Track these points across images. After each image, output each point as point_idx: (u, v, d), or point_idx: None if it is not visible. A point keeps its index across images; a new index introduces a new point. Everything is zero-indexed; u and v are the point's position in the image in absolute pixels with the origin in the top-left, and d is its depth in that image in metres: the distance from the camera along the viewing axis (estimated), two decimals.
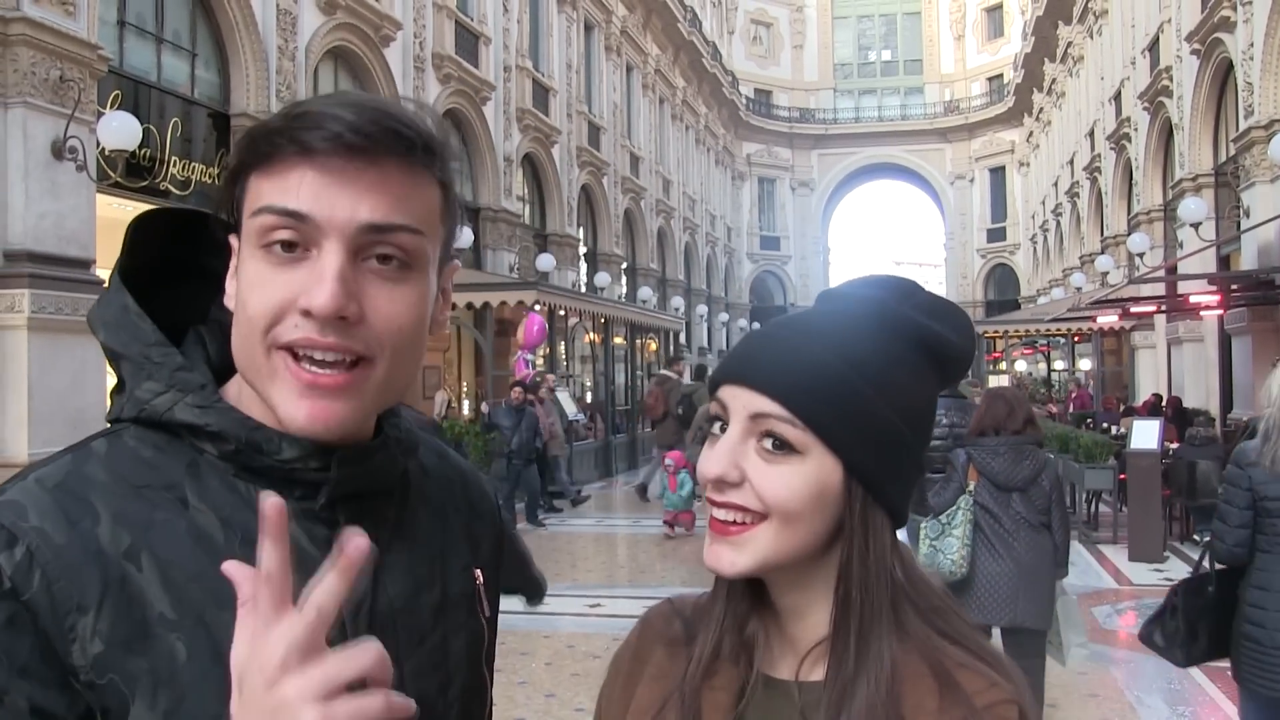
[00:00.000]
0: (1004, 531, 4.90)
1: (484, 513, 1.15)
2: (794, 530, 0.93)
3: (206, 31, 13.72)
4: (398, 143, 0.91)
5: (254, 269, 0.90)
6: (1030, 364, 33.93)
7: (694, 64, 41.43)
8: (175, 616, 0.85)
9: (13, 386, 9.60)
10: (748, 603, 1.01)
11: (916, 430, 0.97)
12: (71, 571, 0.83)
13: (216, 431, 0.91)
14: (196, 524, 0.89)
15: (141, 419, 0.93)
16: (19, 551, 0.82)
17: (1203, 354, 19.73)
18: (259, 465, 0.92)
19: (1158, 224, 23.26)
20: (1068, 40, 34.42)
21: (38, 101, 9.88)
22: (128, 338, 0.95)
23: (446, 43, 19.81)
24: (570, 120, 27.25)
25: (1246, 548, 3.74)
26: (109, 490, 0.88)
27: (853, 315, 0.98)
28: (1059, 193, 37.04)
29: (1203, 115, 19.50)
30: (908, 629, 0.94)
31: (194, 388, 0.93)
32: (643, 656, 1.08)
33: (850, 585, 0.94)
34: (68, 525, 0.84)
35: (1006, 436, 5.02)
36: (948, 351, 0.99)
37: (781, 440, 0.93)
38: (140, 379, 0.94)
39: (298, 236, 0.89)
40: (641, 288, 31.76)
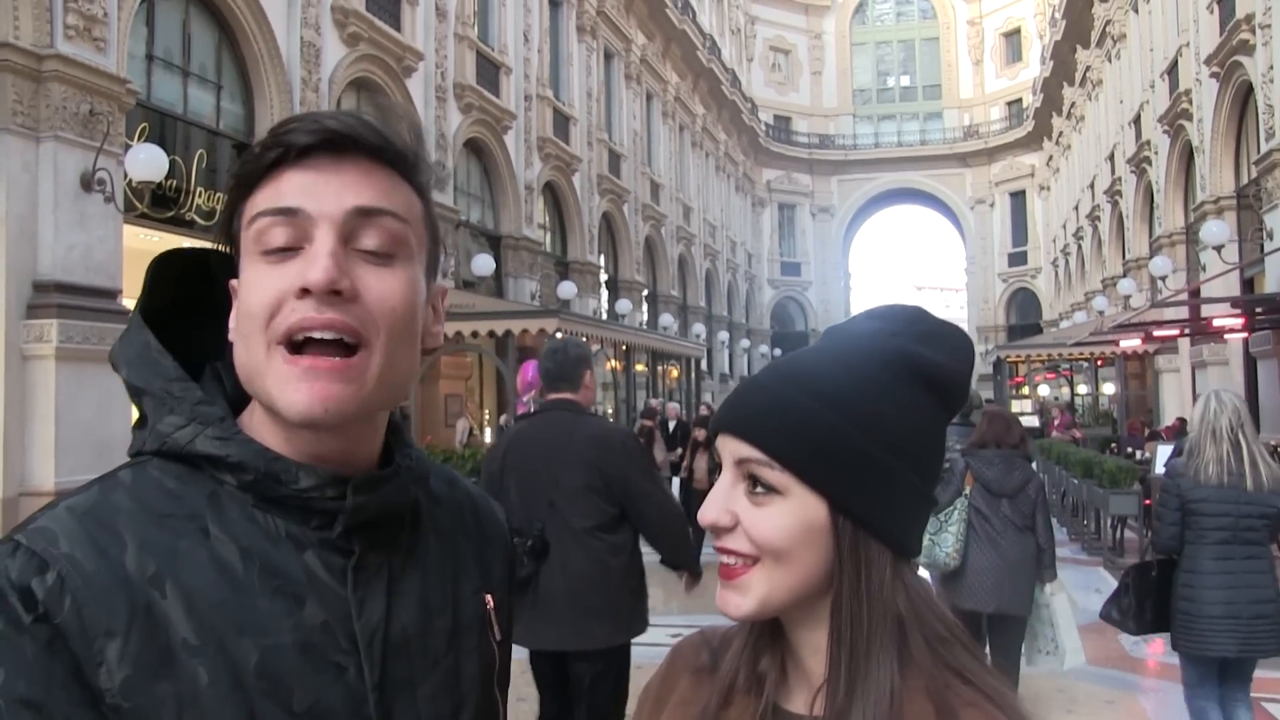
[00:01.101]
0: (993, 531, 5.62)
1: (494, 537, 1.18)
2: (788, 569, 0.95)
3: (232, 64, 13.89)
4: (376, 141, 0.97)
5: (253, 273, 0.94)
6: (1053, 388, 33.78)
7: (713, 91, 41.58)
8: (198, 643, 0.87)
9: (40, 415, 9.69)
10: (767, 637, 1.03)
11: (909, 459, 0.96)
12: (100, 597, 0.85)
13: (237, 462, 0.94)
14: (218, 553, 0.91)
15: (164, 451, 0.96)
16: (50, 577, 0.84)
17: (1228, 377, 19.60)
18: (277, 495, 0.94)
19: (1180, 247, 23.18)
20: (1086, 64, 34.41)
21: (68, 135, 10.02)
22: (150, 374, 0.98)
23: (468, 73, 19.97)
24: (591, 148, 27.39)
25: (1178, 541, 4.67)
26: (135, 519, 0.90)
27: (841, 351, 1.00)
28: (1080, 216, 36.94)
29: (1223, 138, 19.45)
30: (914, 660, 0.94)
31: (214, 420, 0.96)
32: (671, 684, 1.11)
33: (841, 621, 0.95)
34: (96, 552, 0.87)
35: (1003, 450, 5.77)
36: (939, 376, 0.99)
37: (764, 483, 0.96)
38: (162, 413, 0.97)
39: (292, 235, 0.93)
40: (663, 315, 31.80)
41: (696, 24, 37.92)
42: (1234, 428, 4.59)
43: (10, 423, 9.61)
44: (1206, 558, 4.58)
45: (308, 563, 0.94)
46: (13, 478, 9.60)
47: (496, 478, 4.37)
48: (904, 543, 0.97)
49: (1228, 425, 4.59)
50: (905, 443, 0.97)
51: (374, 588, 0.97)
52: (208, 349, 1.05)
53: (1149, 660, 7.88)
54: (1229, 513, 4.55)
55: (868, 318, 1.05)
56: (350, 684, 0.93)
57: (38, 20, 9.83)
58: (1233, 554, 4.55)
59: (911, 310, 1.04)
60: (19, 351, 9.70)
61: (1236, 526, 4.55)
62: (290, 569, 0.93)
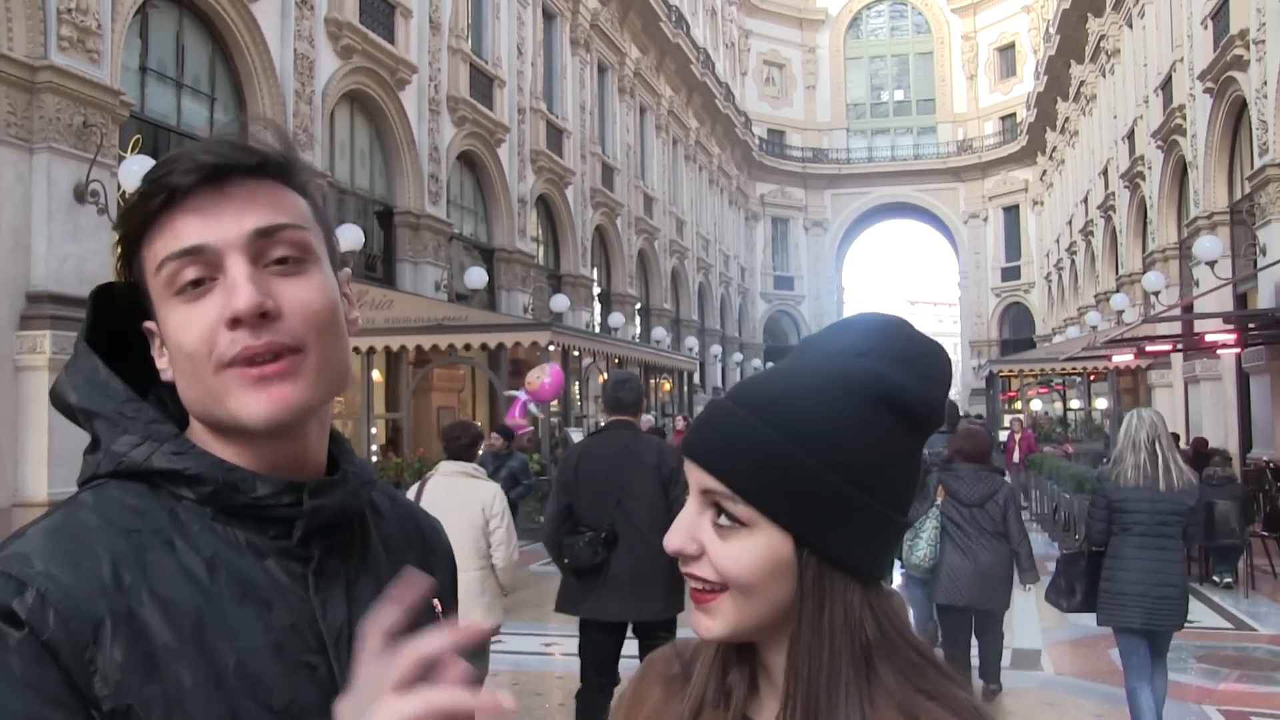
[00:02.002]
0: (966, 537, 6.44)
1: (437, 548, 1.22)
2: (754, 601, 0.95)
3: (225, 76, 13.90)
4: (252, 161, 1.00)
5: (176, 316, 0.97)
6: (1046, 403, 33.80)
7: (707, 105, 41.69)
8: (178, 646, 0.90)
9: (34, 426, 9.67)
10: (734, 651, 1.02)
11: (876, 489, 0.94)
12: (83, 608, 0.87)
13: (195, 475, 0.97)
14: (185, 564, 0.94)
15: (120, 472, 0.98)
16: (30, 596, 0.86)
17: (1221, 393, 19.65)
18: (235, 504, 0.97)
19: (1173, 262, 23.25)
20: (1080, 79, 34.55)
21: (61, 146, 10.02)
22: (100, 397, 1.00)
23: (461, 86, 20.00)
24: (584, 161, 27.43)
25: (1106, 535, 5.51)
26: (103, 534, 0.92)
27: (806, 376, 0.97)
28: (1073, 231, 37.06)
29: (1217, 153, 19.53)
30: (884, 686, 0.93)
31: (168, 437, 0.98)
32: (642, 697, 1.11)
33: (799, 654, 0.94)
34: (72, 566, 0.89)
35: (972, 465, 6.59)
36: (909, 403, 0.96)
37: (729, 515, 0.95)
38: (115, 434, 0.99)
39: (202, 271, 0.96)
40: (655, 328, 31.84)
41: (690, 38, 38.04)
42: (1151, 439, 5.38)
43: (3, 434, 9.59)
44: (1129, 547, 5.41)
45: (270, 570, 0.97)
46: (5, 488, 9.57)
47: (571, 484, 5.44)
48: (872, 571, 0.96)
49: (1146, 438, 5.39)
50: (872, 473, 0.94)
51: (334, 591, 1.01)
52: (148, 375, 1.06)
53: None
54: (1145, 509, 5.36)
55: (841, 331, 1.02)
56: (321, 682, 0.96)
57: (31, 31, 9.83)
58: (1148, 545, 5.37)
59: (887, 325, 1.01)
60: (12, 363, 9.68)
61: (1152, 521, 5.37)
62: (255, 576, 0.96)
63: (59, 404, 1.03)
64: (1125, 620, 5.47)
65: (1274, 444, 15.94)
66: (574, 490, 5.41)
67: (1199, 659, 8.11)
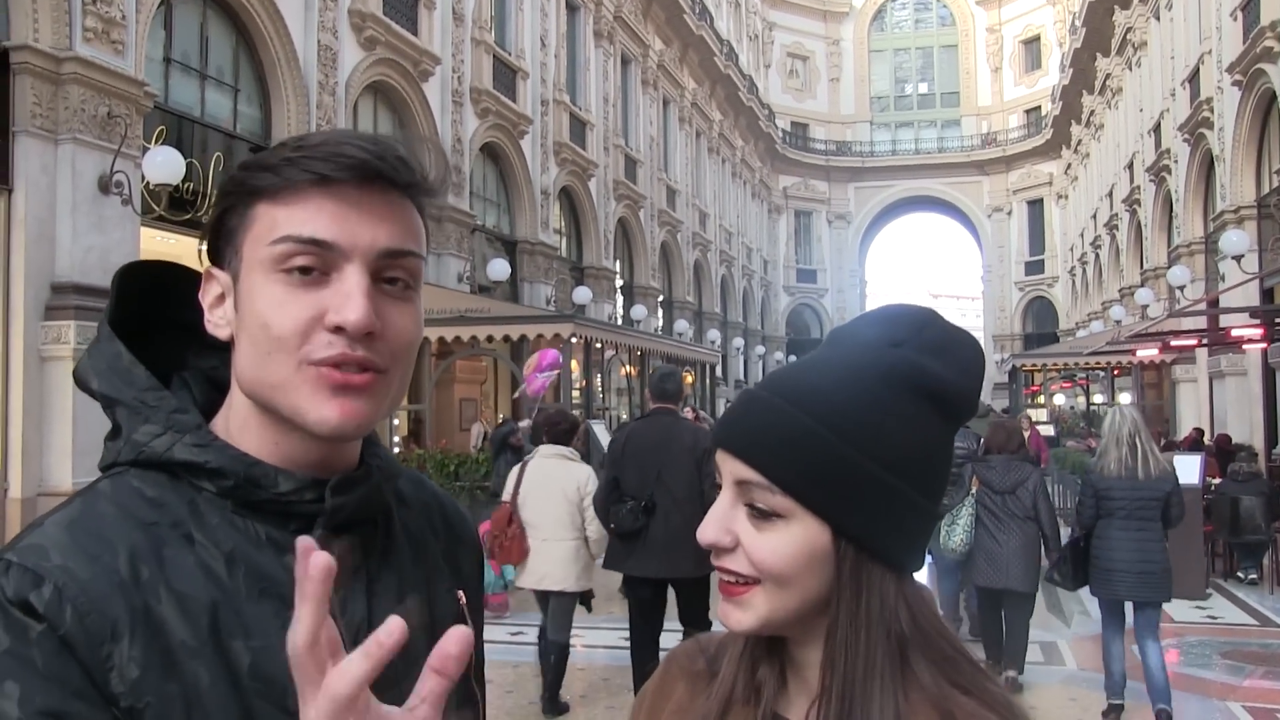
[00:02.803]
0: (999, 523, 7.05)
1: (463, 536, 1.20)
2: (789, 593, 0.94)
3: (249, 67, 13.94)
4: (404, 177, 0.99)
5: (274, 291, 0.94)
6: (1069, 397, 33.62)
7: (730, 97, 41.59)
8: (195, 644, 0.88)
9: (59, 417, 9.73)
10: (764, 644, 1.01)
11: (913, 480, 0.94)
12: (100, 603, 0.86)
13: (216, 468, 0.95)
14: (203, 559, 0.92)
15: (140, 461, 0.96)
16: (47, 590, 0.85)
17: (1246, 388, 19.49)
18: (256, 499, 0.96)
19: (1198, 256, 23.06)
20: (1106, 72, 34.30)
21: (86, 137, 10.07)
22: (122, 384, 0.99)
23: (485, 77, 20.01)
24: (607, 153, 27.42)
25: (1094, 520, 6.32)
26: (121, 527, 0.91)
27: (843, 365, 0.97)
28: (1098, 225, 36.82)
29: (1245, 146, 19.35)
30: (918, 680, 0.92)
31: (190, 428, 0.97)
32: (666, 692, 1.09)
33: (835, 646, 0.93)
34: (89, 560, 0.88)
35: (1005, 456, 7.22)
36: (947, 393, 0.96)
37: (765, 506, 0.93)
38: (137, 423, 0.97)
39: (317, 262, 0.94)
40: (678, 320, 31.80)
41: (714, 30, 37.94)
42: (1132, 434, 6.22)
43: (29, 424, 9.66)
44: (1114, 529, 6.23)
45: (289, 565, 0.91)
46: (31, 478, 9.64)
47: (619, 459, 6.36)
48: (908, 562, 0.95)
49: (1128, 433, 6.23)
50: (909, 462, 0.94)
51: (354, 588, 0.98)
52: (171, 361, 1.06)
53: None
54: (1127, 496, 6.18)
55: (873, 322, 1.01)
56: None
57: (56, 23, 9.88)
58: (1130, 526, 6.19)
59: (920, 315, 1.00)
60: (37, 353, 9.74)
61: (1132, 506, 6.18)
62: (274, 572, 0.94)
63: (82, 386, 1.02)
64: (1112, 592, 6.31)
65: None
66: (621, 464, 6.31)
67: (1224, 655, 8.06)
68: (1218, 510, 10.92)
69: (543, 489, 6.65)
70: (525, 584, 6.84)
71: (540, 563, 6.61)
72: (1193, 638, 8.73)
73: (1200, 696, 7.04)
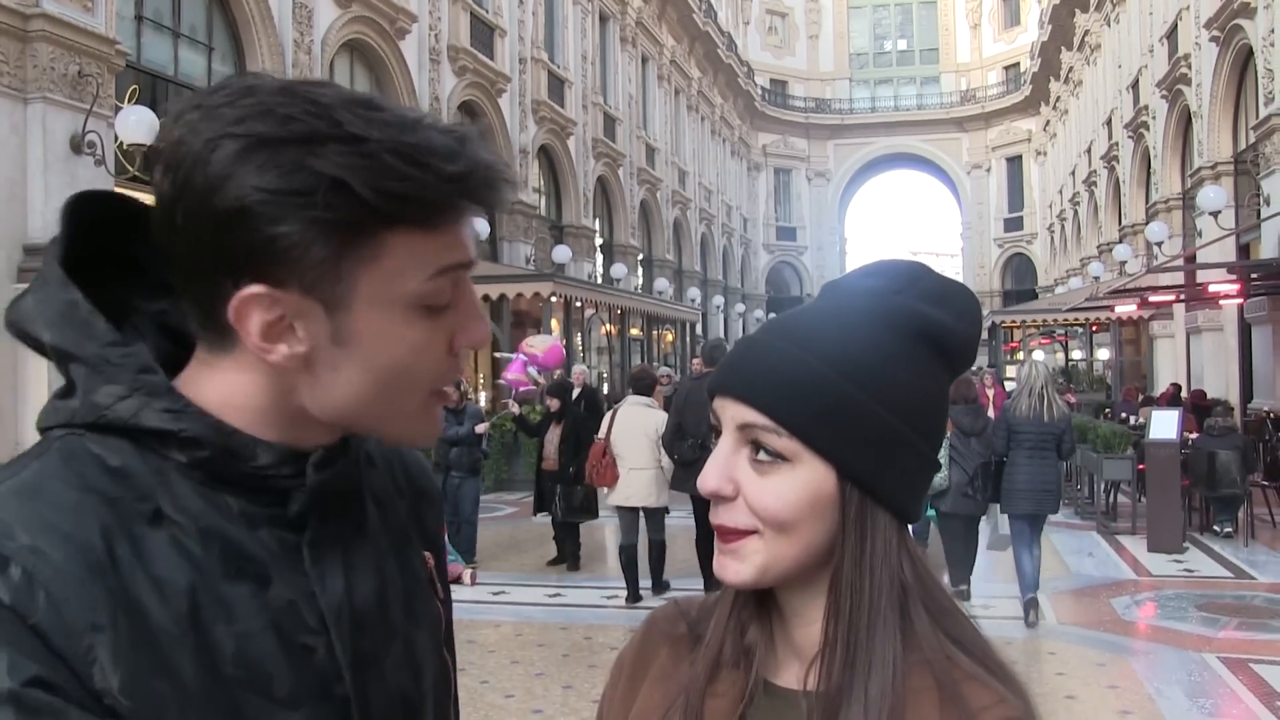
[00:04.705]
0: (963, 461, 8.11)
1: (425, 490, 1.11)
2: (791, 539, 0.91)
3: (223, 25, 13.77)
4: (510, 198, 0.93)
5: (416, 333, 0.85)
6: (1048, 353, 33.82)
7: (709, 55, 41.36)
8: (176, 632, 0.79)
9: (34, 381, 9.65)
10: (752, 606, 0.99)
11: (917, 425, 0.93)
12: (77, 588, 0.75)
13: (191, 438, 0.84)
14: (175, 537, 0.82)
15: (99, 425, 0.84)
16: (15, 573, 0.74)
17: (1222, 343, 19.63)
18: (231, 472, 0.86)
19: (1176, 213, 23.14)
20: (1085, 28, 34.23)
21: (56, 96, 9.94)
22: (79, 337, 0.85)
23: (462, 35, 19.82)
24: (586, 112, 27.24)
25: (1006, 449, 7.87)
26: (87, 499, 0.80)
27: (846, 310, 0.95)
28: (1076, 182, 36.89)
29: (1222, 103, 19.37)
30: (916, 632, 0.91)
31: (161, 390, 0.84)
32: (647, 658, 1.07)
33: (840, 591, 0.91)
34: (61, 539, 0.77)
35: (966, 404, 8.33)
36: (950, 340, 0.95)
37: (769, 449, 0.91)
38: (97, 382, 0.84)
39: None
40: (658, 279, 31.78)
41: None
42: (1043, 385, 7.93)
43: (3, 388, 9.58)
44: (1021, 458, 7.80)
45: (264, 540, 0.87)
46: (6, 442, 9.57)
47: (681, 408, 8.12)
48: (909, 510, 0.94)
49: (1040, 385, 7.94)
50: (913, 407, 0.93)
51: (331, 562, 0.90)
52: (116, 303, 0.91)
53: (1139, 624, 7.93)
54: (1034, 432, 7.80)
55: (867, 275, 1.00)
56: (320, 665, 0.86)
57: None
58: (1034, 456, 7.77)
59: (913, 267, 0.99)
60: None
61: (1037, 440, 7.79)
62: (250, 548, 0.85)
63: (19, 333, 0.88)
64: (1018, 508, 7.81)
65: (1275, 394, 15.94)
66: (683, 412, 8.06)
67: (1199, 608, 8.16)
68: (1194, 465, 11.00)
69: (629, 429, 8.51)
70: (614, 501, 8.61)
71: (627, 486, 8.46)
72: (1169, 591, 8.83)
73: (1176, 648, 7.12)
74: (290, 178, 0.77)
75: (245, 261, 0.79)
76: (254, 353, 0.83)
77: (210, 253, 0.80)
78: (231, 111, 0.79)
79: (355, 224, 0.80)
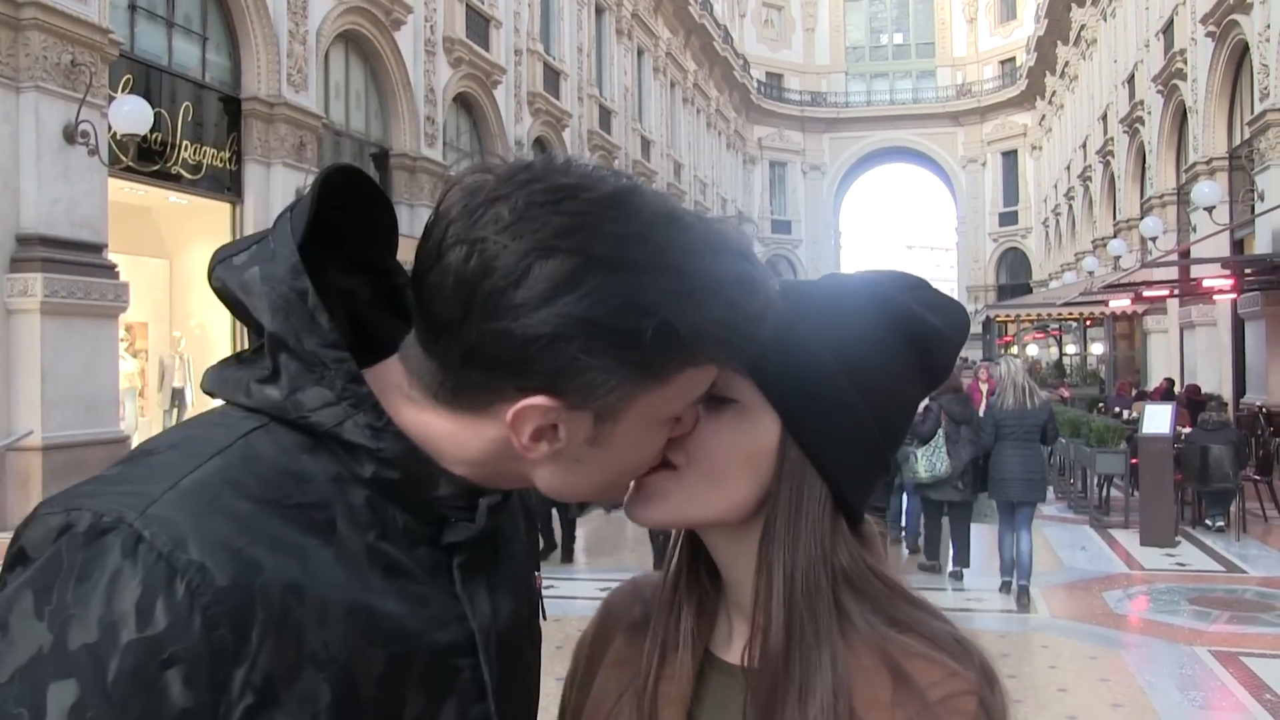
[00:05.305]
0: (956, 447, 8.70)
1: (531, 509, 1.08)
2: (715, 487, 0.89)
3: (218, 15, 13.72)
4: None
5: (660, 440, 0.87)
6: (1042, 348, 33.86)
7: (705, 47, 41.30)
8: (327, 656, 0.76)
9: (26, 370, 9.64)
10: (698, 582, 0.98)
11: (879, 413, 0.91)
12: (233, 618, 0.72)
13: (387, 459, 0.82)
14: (347, 549, 0.80)
15: (295, 423, 0.82)
16: (180, 589, 0.71)
17: (1216, 338, 19.66)
18: (411, 496, 0.84)
19: (1170, 208, 23.16)
20: (1081, 23, 34.23)
21: (50, 86, 9.90)
22: (302, 330, 0.82)
23: (457, 26, 19.77)
24: (581, 104, 27.21)
25: (994, 441, 8.31)
26: (263, 510, 0.77)
27: (843, 291, 0.95)
28: (1071, 176, 36.91)
29: (1217, 98, 19.39)
30: (852, 620, 0.89)
31: (367, 405, 0.82)
32: (604, 641, 1.05)
33: (771, 549, 0.89)
34: (230, 556, 0.73)
35: (955, 394, 8.89)
36: (937, 346, 0.95)
37: (719, 392, 0.88)
38: (307, 382, 0.81)
39: None
40: None
41: None
42: (1021, 380, 8.50)
43: None
44: (1007, 448, 8.25)
45: (420, 559, 0.85)
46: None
47: None
48: (847, 493, 0.91)
49: (1021, 378, 8.52)
50: (882, 397, 0.91)
51: (478, 584, 0.88)
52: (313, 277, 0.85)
53: (1132, 617, 7.95)
54: (1019, 423, 8.27)
55: (868, 275, 0.99)
56: (463, 688, 0.85)
57: None
58: (1019, 445, 8.23)
59: (912, 276, 0.99)
60: (3, 305, 9.62)
61: (1021, 430, 8.26)
62: (407, 566, 0.83)
63: (230, 300, 0.85)
64: (1004, 496, 8.31)
65: (1267, 389, 15.98)
66: None
67: (1190, 601, 8.18)
68: (1187, 459, 11.02)
69: None
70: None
71: None
72: (1161, 584, 8.85)
73: (1167, 641, 7.14)
74: (618, 315, 0.75)
75: (541, 378, 0.77)
76: (523, 452, 0.82)
77: (501, 358, 0.76)
78: (555, 220, 0.75)
79: (667, 362, 0.78)
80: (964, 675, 0.87)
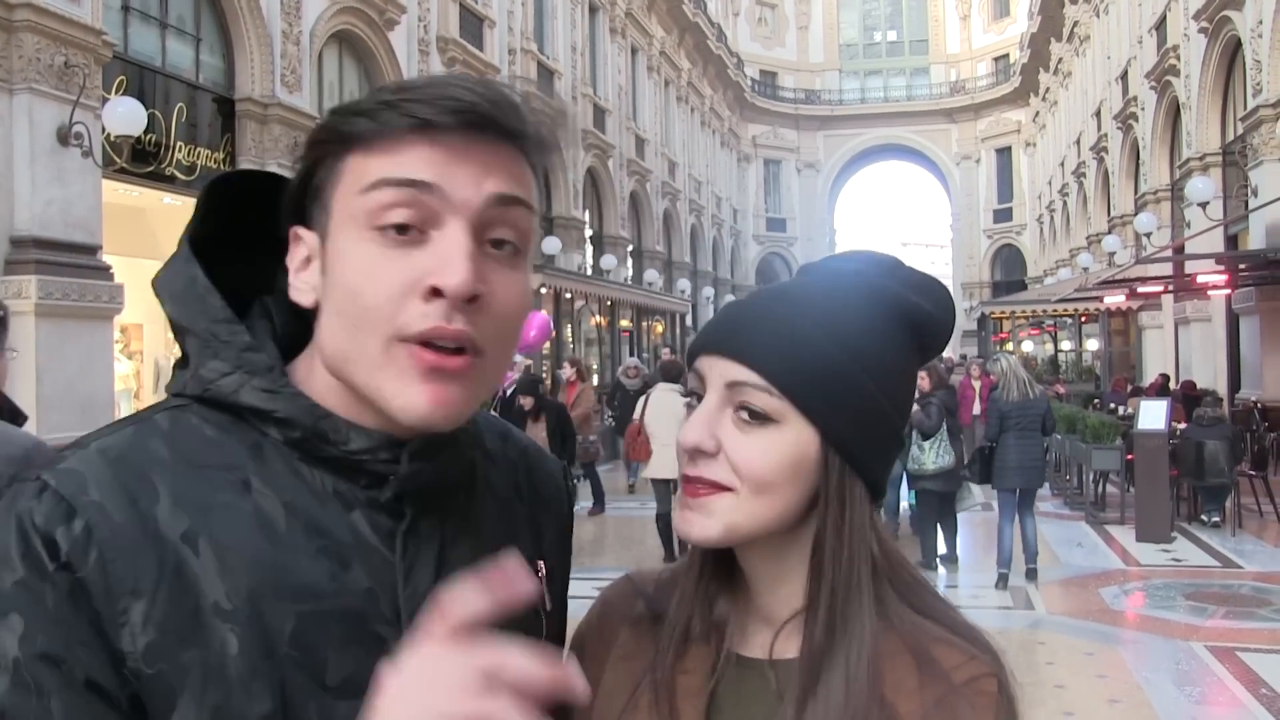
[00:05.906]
0: (955, 441, 9.32)
1: (550, 498, 1.10)
2: (767, 500, 0.92)
3: (211, 16, 13.69)
4: (518, 123, 0.88)
5: (365, 253, 0.84)
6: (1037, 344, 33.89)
7: (699, 46, 41.27)
8: (230, 606, 0.80)
9: (21, 373, 9.60)
10: (718, 580, 1.00)
11: (896, 403, 0.96)
12: (128, 552, 0.78)
13: (283, 418, 0.87)
14: (260, 507, 0.84)
15: (205, 398, 0.88)
16: (77, 525, 0.78)
17: (1210, 334, 19.68)
18: (324, 454, 0.87)
19: (1165, 204, 23.18)
20: (1074, 19, 34.26)
21: (43, 87, 9.88)
22: (195, 312, 0.90)
23: (451, 26, 19.76)
24: (575, 103, 27.17)
25: (998, 433, 8.76)
26: (170, 468, 0.83)
27: (837, 287, 0.97)
28: (1065, 173, 36.93)
29: (1210, 94, 19.41)
30: (886, 605, 0.93)
31: (261, 370, 0.88)
32: (607, 638, 1.06)
33: (824, 557, 0.92)
34: (127, 502, 0.80)
35: (949, 390, 9.70)
36: (928, 326, 0.99)
37: (758, 410, 0.92)
38: (205, 357, 0.89)
39: (415, 216, 0.83)
40: (647, 270, 31.73)
41: None
42: (1022, 375, 9.01)
43: None
44: (1011, 439, 8.71)
45: (355, 523, 0.87)
46: None
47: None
48: (879, 485, 0.96)
49: (1023, 374, 9.03)
50: (894, 384, 0.95)
51: (424, 555, 0.89)
52: (258, 282, 0.97)
53: (1128, 613, 7.96)
54: (1021, 415, 8.75)
55: (848, 259, 1.02)
56: (389, 657, 0.83)
57: None
58: (1022, 436, 8.71)
59: (890, 257, 1.02)
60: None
61: (1024, 421, 8.73)
62: (336, 529, 0.86)
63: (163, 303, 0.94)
64: (1008, 484, 8.74)
65: (1262, 384, 16.01)
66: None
67: (1186, 596, 8.20)
68: (1183, 455, 11.04)
69: (661, 411, 9.77)
70: (649, 474, 9.94)
71: (660, 460, 9.60)
72: (1157, 580, 8.87)
73: (1164, 637, 7.16)
74: (317, 126, 0.89)
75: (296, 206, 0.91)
76: (292, 294, 0.91)
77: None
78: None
79: (332, 148, 0.87)
80: (983, 659, 0.93)
